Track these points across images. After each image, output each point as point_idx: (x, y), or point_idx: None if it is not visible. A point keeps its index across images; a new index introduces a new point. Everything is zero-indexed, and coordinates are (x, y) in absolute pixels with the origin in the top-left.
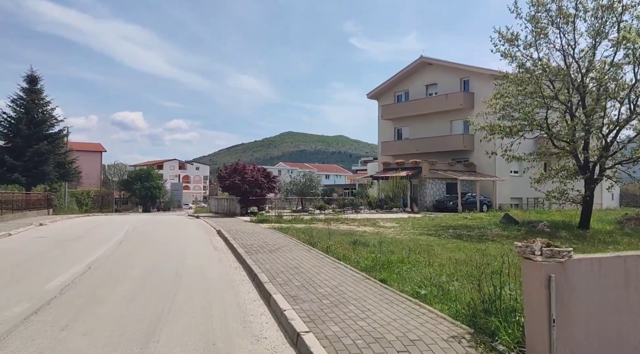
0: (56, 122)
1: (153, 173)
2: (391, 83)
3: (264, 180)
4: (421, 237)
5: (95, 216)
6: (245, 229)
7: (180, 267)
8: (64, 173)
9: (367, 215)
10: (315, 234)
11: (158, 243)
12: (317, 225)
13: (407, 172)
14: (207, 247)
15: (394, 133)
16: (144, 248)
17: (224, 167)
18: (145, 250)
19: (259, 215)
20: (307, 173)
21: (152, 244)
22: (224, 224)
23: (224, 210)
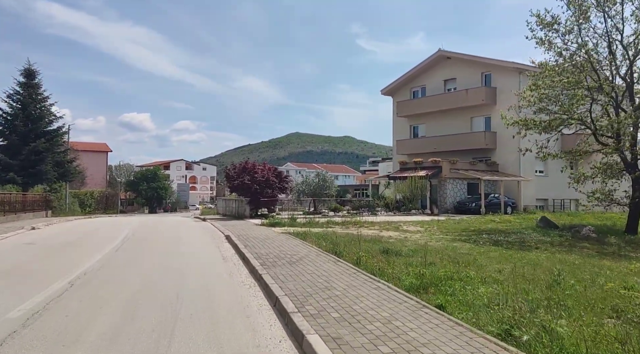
0: (55, 118)
1: (159, 173)
2: (407, 78)
3: (275, 179)
4: (455, 244)
5: (97, 218)
6: (257, 234)
7: (182, 286)
8: (63, 173)
9: (386, 218)
10: (337, 241)
11: (158, 251)
12: (336, 229)
13: (426, 171)
14: (215, 257)
15: (410, 131)
16: (141, 259)
17: (232, 165)
18: (142, 261)
19: (270, 217)
20: (320, 173)
21: (150, 253)
22: (233, 228)
23: (232, 212)
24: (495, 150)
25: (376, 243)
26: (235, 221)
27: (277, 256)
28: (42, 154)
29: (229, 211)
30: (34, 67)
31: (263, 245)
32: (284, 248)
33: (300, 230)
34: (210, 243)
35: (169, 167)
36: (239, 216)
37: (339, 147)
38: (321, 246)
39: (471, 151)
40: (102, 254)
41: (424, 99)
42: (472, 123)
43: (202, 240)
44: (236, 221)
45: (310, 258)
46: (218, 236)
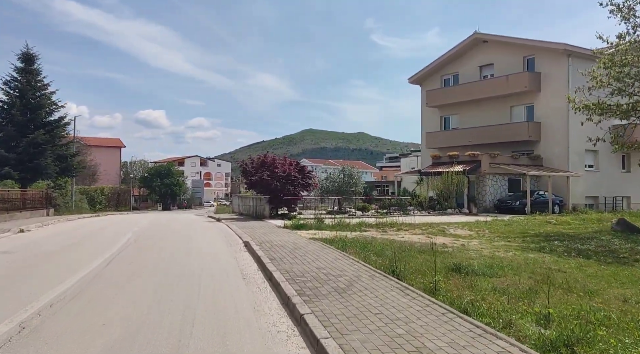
0: (56, 107)
1: (173, 169)
2: (438, 65)
3: (297, 175)
4: (531, 255)
5: (105, 217)
6: (283, 240)
7: (186, 335)
8: (66, 168)
9: (422, 218)
10: (384, 250)
11: (161, 266)
12: (371, 232)
13: (463, 166)
14: (232, 276)
15: (441, 122)
16: (136, 279)
17: (250, 159)
18: (137, 282)
19: (293, 218)
20: (345, 168)
21: (150, 270)
22: (252, 231)
23: (249, 211)
24: (539, 143)
25: (433, 255)
26: (254, 223)
27: (317, 277)
28: (42, 147)
29: (246, 210)
30: (33, 51)
31: (293, 257)
32: (321, 262)
33: (331, 234)
34: (226, 253)
35: (184, 163)
36: (257, 216)
37: (353, 143)
38: (370, 262)
39: (511, 144)
40: (83, 273)
41: (456, 88)
42: (511, 113)
43: (216, 248)
44: (254, 222)
45: (364, 281)
46: (235, 241)
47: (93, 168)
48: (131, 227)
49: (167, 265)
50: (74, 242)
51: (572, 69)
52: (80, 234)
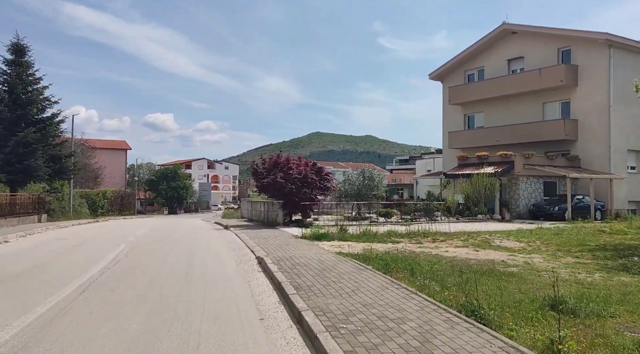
0: (49, 104)
1: (180, 172)
2: (461, 59)
3: (314, 177)
4: (621, 277)
5: (104, 223)
6: (305, 256)
7: None
8: (59, 169)
9: (452, 225)
10: (438, 272)
11: (149, 300)
12: (404, 244)
13: (494, 167)
14: (246, 316)
15: (464, 121)
16: (107, 326)
17: (262, 159)
18: (107, 331)
19: (309, 225)
20: (365, 170)
21: (133, 307)
22: (265, 242)
23: (260, 217)
24: (575, 142)
25: (499, 278)
26: (266, 231)
27: (369, 323)
28: (32, 146)
29: (256, 215)
30: (23, 42)
31: (324, 284)
32: (365, 294)
33: (358, 246)
34: (235, 274)
35: (191, 166)
36: (269, 223)
37: (360, 146)
38: (433, 294)
39: (544, 143)
40: (32, 316)
41: (482, 83)
42: (544, 110)
43: (223, 268)
44: (266, 230)
45: (441, 333)
46: (246, 257)
47: (97, 170)
48: (127, 236)
49: (157, 298)
50: (56, 256)
51: (613, 61)
52: (64, 246)
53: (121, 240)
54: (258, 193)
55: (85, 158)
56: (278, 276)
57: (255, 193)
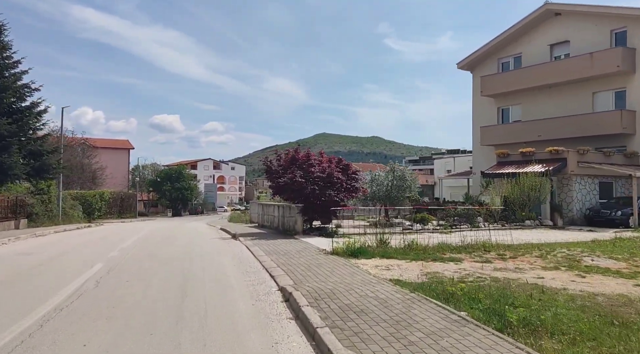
0: (28, 91)
1: (184, 172)
2: (494, 46)
3: (341, 176)
4: None
5: (96, 228)
6: (352, 289)
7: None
8: (40, 167)
9: (501, 233)
10: (589, 332)
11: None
12: (468, 262)
13: (542, 165)
14: None
15: (498, 114)
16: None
17: (276, 155)
18: None
19: (333, 233)
20: (396, 168)
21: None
22: (287, 261)
23: (273, 223)
24: (633, 136)
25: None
26: (284, 242)
27: None
28: (6, 140)
29: (268, 221)
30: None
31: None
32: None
33: (410, 267)
34: (253, 329)
35: (197, 166)
36: (286, 231)
37: (366, 147)
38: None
39: (595, 138)
40: None
41: (519, 72)
42: (594, 101)
43: (233, 313)
44: (284, 240)
45: None
46: (264, 287)
47: (97, 171)
48: (110, 250)
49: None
50: None
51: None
52: (17, 267)
53: (100, 256)
54: (272, 195)
55: (85, 157)
56: (328, 340)
57: (263, 194)
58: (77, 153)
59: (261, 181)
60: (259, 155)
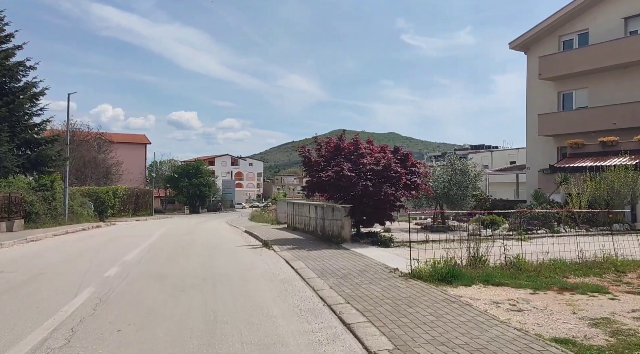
0: (23, 70)
1: (202, 168)
2: (554, 22)
3: (399, 169)
4: None
5: (106, 229)
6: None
7: None
8: (36, 159)
9: (592, 240)
10: None
11: None
12: (620, 293)
13: (630, 158)
14: None
15: (559, 100)
16: None
17: (316, 143)
18: None
19: (388, 241)
20: (456, 161)
21: None
22: (355, 291)
23: (309, 226)
24: None
25: None
26: (333, 255)
27: None
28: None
29: (303, 223)
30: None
31: None
32: None
33: (545, 303)
34: None
35: (214, 162)
36: (329, 238)
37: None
38: None
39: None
40: None
41: (585, 50)
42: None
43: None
44: (331, 251)
45: None
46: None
47: (111, 167)
48: (111, 262)
49: None
50: None
51: None
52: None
53: (92, 276)
54: (307, 193)
55: (101, 152)
56: None
57: (280, 191)
58: (93, 148)
59: (279, 178)
60: (275, 152)
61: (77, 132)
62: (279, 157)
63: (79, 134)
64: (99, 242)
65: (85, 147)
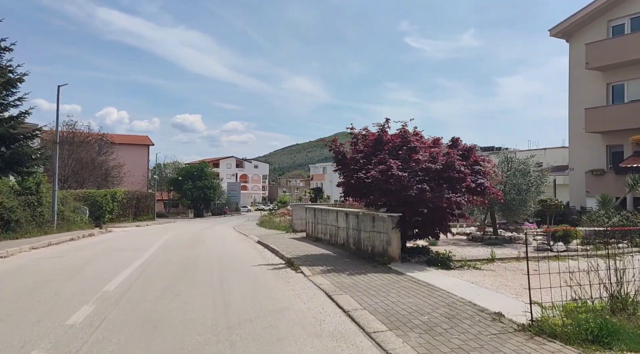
0: None
1: (207, 170)
2: (602, 6)
3: (463, 169)
4: None
5: (101, 237)
6: None
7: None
8: (11, 158)
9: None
10: None
11: None
12: None
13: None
14: None
15: (607, 93)
16: None
17: (352, 137)
18: None
19: (447, 260)
20: (514, 159)
21: None
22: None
23: (338, 239)
24: None
25: None
26: (388, 283)
27: None
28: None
29: (328, 234)
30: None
31: None
32: None
33: None
34: None
35: (219, 164)
36: (369, 255)
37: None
38: None
39: None
40: None
41: (639, 36)
42: None
43: None
44: (382, 277)
45: None
46: None
47: (115, 169)
48: (85, 296)
49: None
50: None
51: None
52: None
53: (44, 329)
54: (343, 197)
55: (102, 154)
56: None
57: (287, 193)
58: (93, 149)
59: (285, 180)
60: (279, 154)
61: (78, 132)
62: (284, 159)
63: (79, 135)
64: (81, 259)
65: (85, 149)
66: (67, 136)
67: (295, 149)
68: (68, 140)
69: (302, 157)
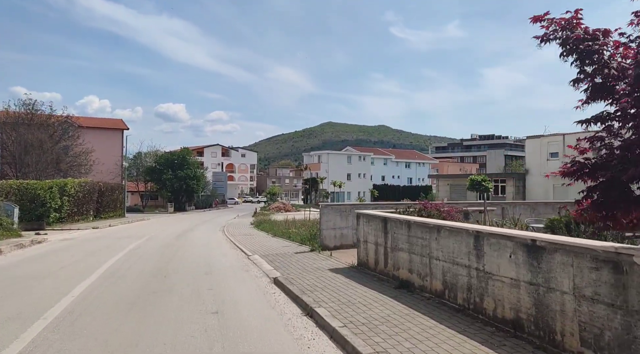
0: None
1: (189, 158)
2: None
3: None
4: None
5: (23, 252)
6: None
7: None
8: None
9: None
10: None
11: None
12: None
13: None
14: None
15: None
16: None
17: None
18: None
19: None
20: None
21: None
22: None
23: (471, 296)
24: None
25: None
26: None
27: None
28: None
29: (443, 281)
30: None
31: None
32: None
33: None
34: None
35: (203, 153)
36: None
37: (373, 136)
38: None
39: None
40: None
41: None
42: None
43: None
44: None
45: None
46: None
47: (80, 156)
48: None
49: None
50: None
51: None
52: None
53: None
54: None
55: (65, 139)
56: None
57: (277, 184)
58: (56, 133)
59: (274, 170)
60: (265, 144)
61: (36, 114)
62: (269, 149)
63: (39, 117)
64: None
65: (31, 128)
66: (26, 117)
67: (281, 139)
68: (25, 122)
69: (288, 146)
